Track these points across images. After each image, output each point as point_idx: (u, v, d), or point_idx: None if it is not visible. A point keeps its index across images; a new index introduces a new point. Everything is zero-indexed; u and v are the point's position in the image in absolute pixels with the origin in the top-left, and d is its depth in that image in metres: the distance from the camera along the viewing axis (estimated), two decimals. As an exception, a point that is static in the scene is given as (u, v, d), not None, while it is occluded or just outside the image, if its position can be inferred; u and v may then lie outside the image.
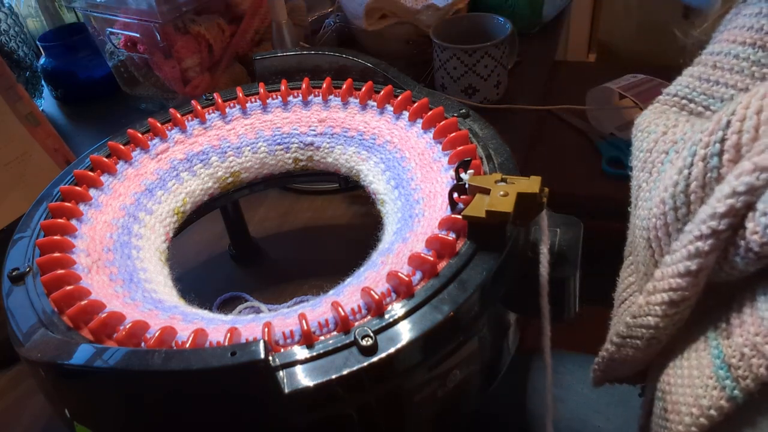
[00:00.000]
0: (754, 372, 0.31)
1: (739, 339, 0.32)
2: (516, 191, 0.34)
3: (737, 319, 0.33)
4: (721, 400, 0.32)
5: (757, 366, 0.31)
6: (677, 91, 0.42)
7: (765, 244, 0.30)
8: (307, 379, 0.30)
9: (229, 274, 0.63)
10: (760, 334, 0.31)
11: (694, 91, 0.40)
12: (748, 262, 0.31)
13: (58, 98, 0.98)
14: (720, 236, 0.32)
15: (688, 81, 0.41)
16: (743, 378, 0.31)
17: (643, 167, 0.39)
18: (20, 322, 0.35)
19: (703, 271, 0.33)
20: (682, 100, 0.41)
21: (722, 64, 0.38)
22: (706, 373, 0.34)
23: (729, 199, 0.31)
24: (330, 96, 0.52)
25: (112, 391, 0.32)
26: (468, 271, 0.34)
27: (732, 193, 0.31)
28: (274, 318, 0.35)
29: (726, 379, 0.32)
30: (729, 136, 0.32)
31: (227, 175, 0.51)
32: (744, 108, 0.31)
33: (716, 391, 0.33)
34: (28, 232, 0.42)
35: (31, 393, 0.53)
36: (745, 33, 0.36)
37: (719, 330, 0.34)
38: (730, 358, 0.32)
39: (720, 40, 0.38)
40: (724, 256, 0.33)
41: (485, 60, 0.77)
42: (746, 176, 0.30)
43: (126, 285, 0.39)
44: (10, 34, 0.87)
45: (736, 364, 0.32)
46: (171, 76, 0.79)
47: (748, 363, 0.31)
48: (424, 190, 0.43)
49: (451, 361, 0.34)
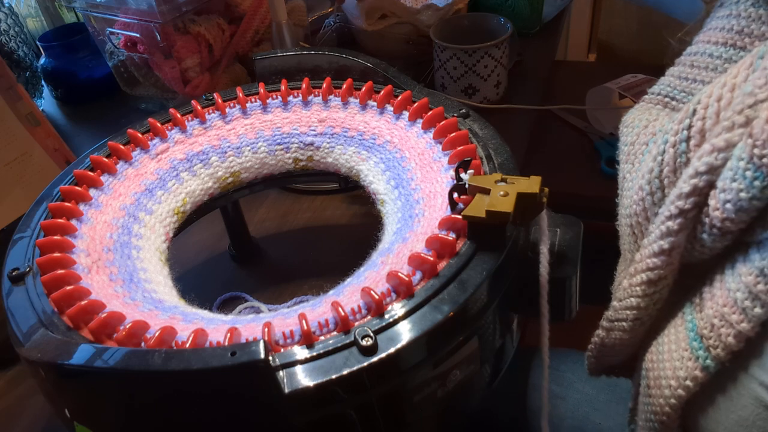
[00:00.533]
0: (723, 341, 0.33)
1: (710, 311, 0.34)
2: (516, 191, 0.34)
3: (708, 293, 0.35)
4: (696, 371, 0.34)
5: (725, 335, 0.33)
6: (660, 90, 0.44)
7: (726, 220, 0.32)
8: (307, 379, 0.30)
9: (229, 274, 0.64)
10: (727, 305, 0.33)
11: (675, 90, 0.43)
12: (714, 238, 0.33)
13: (58, 98, 0.98)
14: (687, 215, 0.34)
15: (670, 80, 0.43)
16: (714, 347, 0.33)
17: (627, 159, 0.42)
18: (20, 322, 0.35)
19: (675, 249, 0.35)
20: (665, 98, 0.43)
21: (698, 63, 0.40)
22: (682, 346, 0.35)
23: (693, 179, 0.33)
24: (330, 96, 0.52)
25: (112, 391, 0.32)
26: (468, 271, 0.34)
27: (695, 174, 0.33)
28: (274, 318, 0.35)
29: (699, 349, 0.34)
30: (694, 123, 0.34)
31: (227, 175, 0.51)
32: (707, 97, 0.34)
33: (691, 362, 0.34)
34: (28, 232, 0.42)
35: (31, 393, 0.53)
36: (719, 33, 0.39)
37: (693, 305, 0.36)
38: (702, 330, 0.34)
39: (698, 41, 0.41)
40: (694, 235, 0.35)
41: (485, 60, 0.77)
42: (706, 157, 0.32)
43: (126, 285, 0.39)
44: (10, 34, 0.87)
45: (707, 335, 0.34)
46: (171, 76, 0.79)
47: (717, 333, 0.33)
48: (424, 190, 0.43)
49: (451, 361, 0.34)
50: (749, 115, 0.31)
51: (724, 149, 0.32)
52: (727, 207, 0.32)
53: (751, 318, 0.32)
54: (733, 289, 0.33)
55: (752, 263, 0.32)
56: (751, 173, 0.30)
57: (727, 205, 0.32)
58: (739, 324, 0.32)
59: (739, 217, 0.32)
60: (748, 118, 0.31)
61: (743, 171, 0.30)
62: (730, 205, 0.31)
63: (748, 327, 0.32)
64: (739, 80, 0.33)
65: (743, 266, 0.33)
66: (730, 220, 0.32)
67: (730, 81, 0.33)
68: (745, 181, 0.30)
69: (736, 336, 0.32)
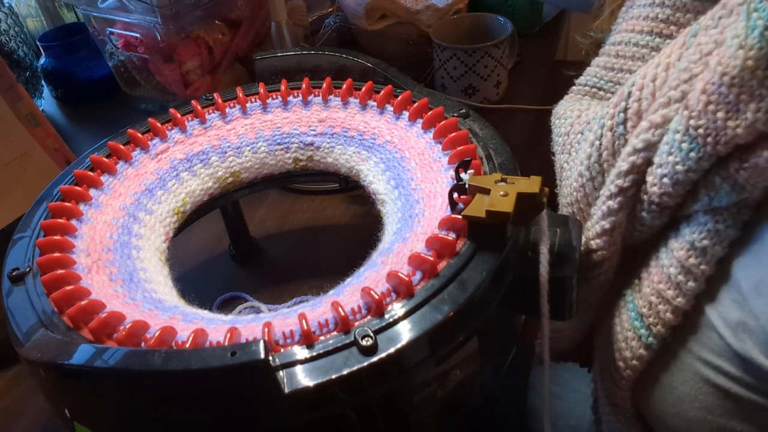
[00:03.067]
0: (662, 317, 0.34)
1: (647, 289, 0.35)
2: (516, 191, 0.34)
3: (645, 272, 0.36)
4: (640, 349, 0.35)
5: (663, 311, 0.34)
6: (587, 81, 0.45)
7: (663, 194, 0.33)
8: (307, 379, 0.30)
9: (229, 274, 0.63)
10: (662, 281, 0.34)
11: (601, 80, 0.43)
12: (653, 215, 0.34)
13: (58, 98, 0.98)
14: (627, 193, 0.35)
15: (596, 71, 0.44)
16: (654, 325, 0.34)
17: (562, 150, 0.42)
18: (20, 322, 0.35)
19: (616, 229, 0.36)
20: (592, 89, 0.44)
21: (624, 53, 0.41)
22: (625, 327, 0.36)
23: (630, 157, 0.34)
24: (330, 96, 0.52)
25: (112, 391, 0.32)
26: (468, 271, 0.34)
27: (633, 151, 0.34)
28: (274, 318, 0.35)
29: (641, 328, 0.35)
30: (630, 105, 0.35)
31: (227, 175, 0.51)
32: (642, 78, 0.34)
33: (635, 341, 0.35)
34: (28, 232, 0.42)
35: (31, 393, 0.53)
36: (642, 22, 0.39)
37: (633, 286, 0.37)
38: (641, 308, 0.35)
39: (620, 30, 0.41)
40: (634, 214, 0.35)
41: (485, 60, 0.77)
42: (644, 134, 0.33)
43: (126, 285, 0.39)
44: (10, 34, 0.87)
45: (646, 313, 0.35)
46: (171, 79, 0.79)
47: (656, 310, 0.34)
48: (424, 190, 0.43)
49: (451, 361, 0.34)
50: (685, 90, 0.31)
51: (661, 125, 0.32)
52: (665, 181, 0.32)
53: (686, 292, 0.33)
54: (666, 266, 0.34)
55: (683, 238, 0.33)
56: (687, 145, 0.31)
57: (664, 179, 0.32)
58: (675, 299, 0.33)
59: (676, 191, 0.32)
60: (684, 93, 0.31)
61: (679, 143, 0.31)
62: (667, 179, 0.32)
63: (683, 301, 0.33)
64: (672, 59, 0.33)
65: (675, 242, 0.34)
66: (667, 195, 0.33)
67: (664, 61, 0.34)
68: (681, 154, 0.31)
69: (673, 311, 0.33)
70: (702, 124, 0.30)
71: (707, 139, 0.30)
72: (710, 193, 0.31)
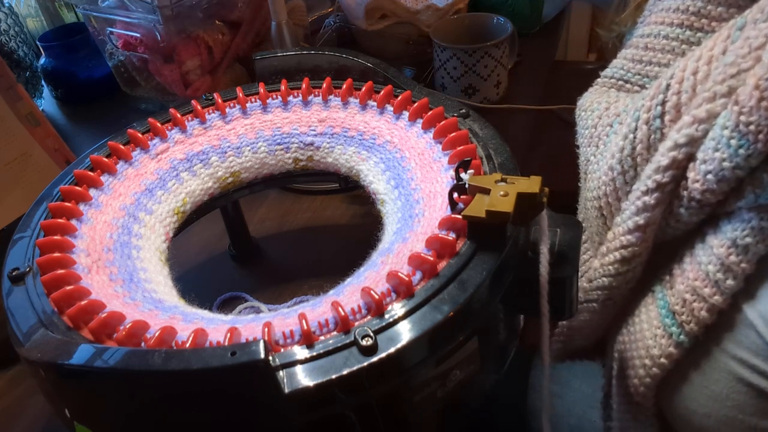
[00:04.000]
0: (696, 315, 0.33)
1: (681, 286, 0.34)
2: (516, 191, 0.34)
3: (678, 269, 0.35)
4: (670, 347, 0.34)
5: (698, 309, 0.33)
6: (613, 73, 0.44)
7: (706, 191, 0.32)
8: (307, 379, 0.30)
9: (229, 274, 0.63)
10: (698, 278, 0.33)
11: (629, 72, 0.42)
12: (691, 211, 0.33)
13: (58, 98, 0.98)
14: (665, 189, 0.34)
15: (623, 63, 0.43)
16: (687, 323, 0.33)
17: (589, 142, 0.41)
18: (20, 322, 0.35)
19: (650, 225, 0.35)
20: (619, 81, 0.43)
21: (653, 45, 0.40)
22: (654, 324, 0.35)
23: (672, 152, 0.33)
24: (330, 96, 0.52)
25: (112, 391, 0.32)
26: (468, 271, 0.34)
27: (674, 146, 0.33)
28: (274, 318, 0.35)
29: (672, 326, 0.34)
30: (669, 98, 0.34)
31: (227, 175, 0.51)
32: (681, 71, 0.33)
33: (664, 339, 0.34)
34: (28, 232, 0.42)
35: (31, 393, 0.53)
36: (672, 14, 0.38)
37: (664, 282, 0.36)
38: (674, 306, 0.34)
39: (649, 23, 0.40)
40: (670, 210, 0.34)
41: (485, 60, 0.77)
42: (686, 128, 0.32)
43: (126, 285, 0.39)
44: (10, 34, 0.87)
45: (679, 311, 0.34)
46: (171, 79, 0.79)
47: (690, 308, 0.33)
48: (424, 190, 0.43)
49: (451, 361, 0.34)
50: (732, 85, 0.30)
51: (706, 120, 0.31)
52: (708, 178, 0.31)
53: (724, 290, 0.32)
54: (704, 263, 0.33)
55: (724, 234, 0.32)
56: (736, 141, 0.30)
57: (708, 176, 0.31)
58: (711, 297, 0.32)
59: (720, 188, 0.31)
60: (731, 88, 0.30)
61: (727, 140, 0.30)
62: (711, 175, 0.31)
63: (720, 300, 0.32)
64: (716, 52, 0.32)
65: (714, 238, 0.33)
66: (710, 192, 0.32)
67: (706, 54, 0.33)
68: (729, 150, 0.30)
69: (709, 309, 0.32)
70: (753, 121, 0.29)
71: (759, 135, 0.29)
72: (756, 191, 0.30)
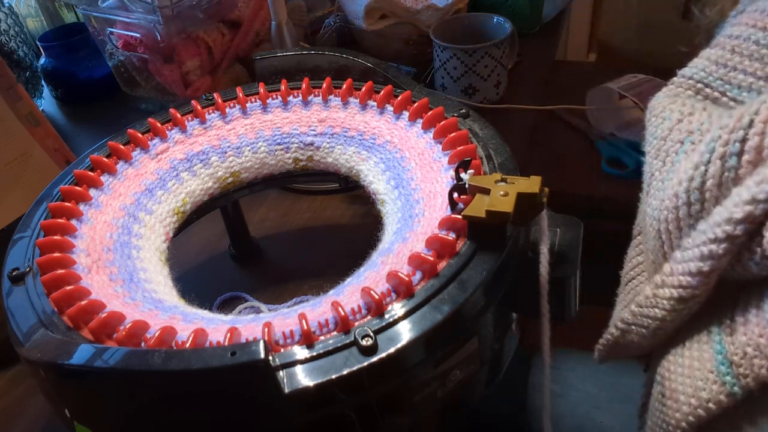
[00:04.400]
0: (756, 372, 0.31)
1: (743, 338, 0.32)
2: (516, 191, 0.34)
3: (742, 317, 0.32)
4: (721, 395, 0.32)
5: (759, 366, 0.30)
6: (693, 74, 0.39)
7: None
8: (307, 379, 0.30)
9: (229, 274, 0.63)
10: (764, 336, 0.30)
11: (710, 76, 0.38)
12: (762, 267, 0.30)
13: (58, 98, 0.98)
14: (735, 241, 0.31)
15: (705, 64, 0.38)
16: (744, 376, 0.31)
17: (657, 155, 0.38)
18: (20, 322, 0.35)
19: (714, 272, 0.32)
20: (698, 84, 0.39)
21: (741, 50, 0.35)
22: (707, 367, 0.33)
23: (748, 206, 0.30)
24: (330, 96, 0.52)
25: (112, 391, 0.32)
26: (468, 271, 0.34)
27: (752, 200, 0.29)
28: (274, 318, 0.35)
29: (727, 375, 0.32)
30: (750, 137, 0.30)
31: (227, 175, 0.51)
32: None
33: (716, 385, 0.32)
34: (28, 232, 0.42)
35: (31, 393, 0.53)
36: (766, 18, 0.34)
37: (723, 325, 0.34)
38: (732, 355, 0.32)
39: (739, 23, 0.36)
40: (738, 259, 0.32)
41: (485, 60, 0.77)
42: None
43: (126, 285, 0.39)
44: (10, 34, 0.87)
45: (738, 362, 0.31)
46: (171, 79, 0.79)
47: (750, 362, 0.31)
48: (424, 190, 0.43)
49: (451, 361, 0.34)
50: None
51: None
52: None
53: None
54: None
55: None
56: None
57: None
58: None
59: None
60: None
61: None
62: None
63: None
64: None
65: None
66: None
67: None
68: None
69: None
70: None
71: None
72: None
